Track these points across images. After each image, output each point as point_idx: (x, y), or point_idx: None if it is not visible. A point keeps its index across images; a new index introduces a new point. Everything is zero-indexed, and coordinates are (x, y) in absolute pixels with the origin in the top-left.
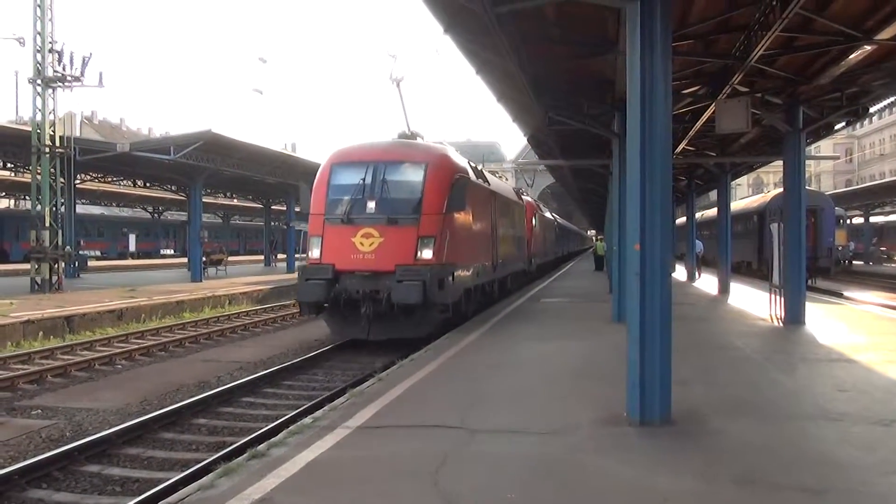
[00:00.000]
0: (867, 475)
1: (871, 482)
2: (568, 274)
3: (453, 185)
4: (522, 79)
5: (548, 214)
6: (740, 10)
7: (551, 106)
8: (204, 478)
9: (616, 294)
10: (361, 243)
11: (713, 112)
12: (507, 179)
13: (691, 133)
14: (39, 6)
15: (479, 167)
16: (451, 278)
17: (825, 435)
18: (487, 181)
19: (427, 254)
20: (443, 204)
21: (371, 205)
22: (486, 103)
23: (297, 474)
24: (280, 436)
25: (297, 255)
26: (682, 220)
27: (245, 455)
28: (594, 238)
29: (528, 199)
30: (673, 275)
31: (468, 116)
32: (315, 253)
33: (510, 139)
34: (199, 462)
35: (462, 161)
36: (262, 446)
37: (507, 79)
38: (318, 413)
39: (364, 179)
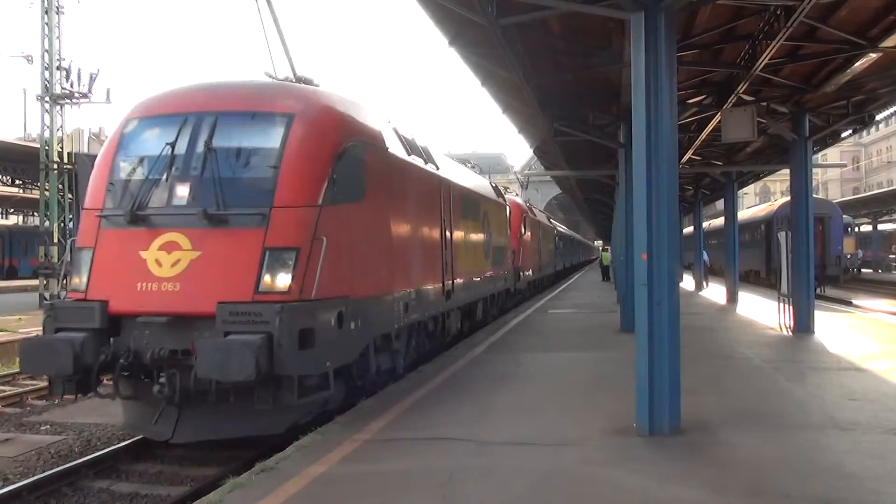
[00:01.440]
0: (879, 484)
1: (882, 491)
2: (574, 286)
3: (342, 157)
4: (527, 90)
5: (545, 220)
6: (745, 20)
7: (557, 117)
8: (212, 493)
9: (623, 304)
10: (159, 261)
11: (719, 121)
12: (494, 183)
13: (697, 142)
14: (47, 24)
15: (424, 145)
16: (335, 323)
17: (836, 444)
18: (433, 162)
19: (282, 280)
20: (319, 188)
21: (181, 190)
22: (491, 114)
23: (307, 488)
24: (289, 449)
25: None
26: (689, 229)
27: (254, 469)
28: (601, 248)
29: (517, 199)
30: (681, 284)
31: (473, 127)
32: (80, 279)
33: (516, 150)
34: (208, 477)
35: (369, 119)
36: (270, 460)
37: (512, 90)
38: (327, 426)
39: (173, 146)
